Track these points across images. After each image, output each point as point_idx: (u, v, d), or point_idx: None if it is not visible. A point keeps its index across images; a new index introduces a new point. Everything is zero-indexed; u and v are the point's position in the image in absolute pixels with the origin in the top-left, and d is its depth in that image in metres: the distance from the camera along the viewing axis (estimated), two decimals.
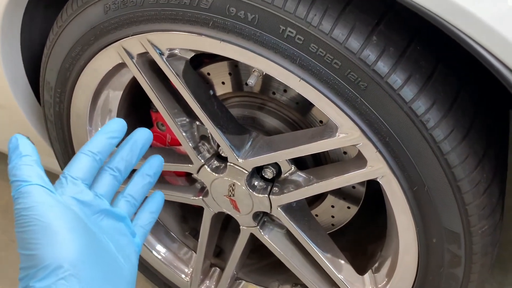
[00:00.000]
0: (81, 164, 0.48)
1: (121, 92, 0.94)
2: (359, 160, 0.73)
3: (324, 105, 0.68)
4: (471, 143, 0.64)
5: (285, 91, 0.91)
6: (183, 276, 1.13)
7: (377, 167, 0.69)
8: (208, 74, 0.96)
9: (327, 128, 0.73)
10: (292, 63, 0.66)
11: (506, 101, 0.76)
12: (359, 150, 0.71)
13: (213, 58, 0.94)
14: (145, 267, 1.16)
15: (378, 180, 0.71)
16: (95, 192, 0.49)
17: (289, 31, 0.63)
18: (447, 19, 0.51)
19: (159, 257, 1.13)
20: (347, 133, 0.69)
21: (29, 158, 0.46)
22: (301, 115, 0.93)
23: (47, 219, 0.42)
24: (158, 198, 0.57)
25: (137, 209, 0.55)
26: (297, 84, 0.67)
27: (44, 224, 0.42)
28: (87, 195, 0.48)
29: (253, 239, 1.00)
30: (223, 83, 0.96)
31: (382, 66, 0.61)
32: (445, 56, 0.65)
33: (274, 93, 0.93)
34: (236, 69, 0.93)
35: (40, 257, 0.41)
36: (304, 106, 0.91)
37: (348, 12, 0.61)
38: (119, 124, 0.51)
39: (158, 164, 0.55)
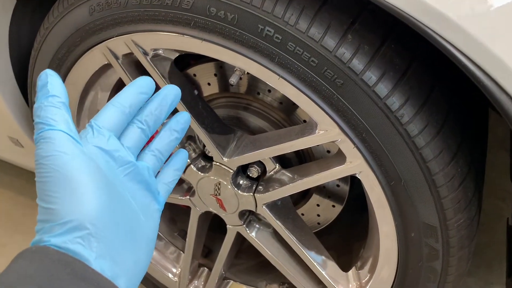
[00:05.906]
0: (110, 114, 0.45)
1: (109, 93, 0.95)
2: (339, 157, 0.75)
3: (303, 102, 0.69)
4: (445, 138, 0.66)
5: (269, 91, 0.93)
6: (171, 276, 1.14)
7: (355, 163, 0.71)
8: (195, 75, 0.97)
9: (308, 126, 0.75)
10: (271, 62, 0.67)
11: (484, 96, 0.78)
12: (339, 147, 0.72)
13: (199, 59, 0.96)
14: None
15: (357, 175, 0.73)
16: (121, 143, 0.46)
17: (268, 30, 0.65)
18: (416, 16, 0.53)
19: None
20: (326, 130, 0.71)
21: (57, 100, 0.42)
22: (285, 115, 0.94)
23: (68, 171, 0.39)
24: (182, 156, 0.54)
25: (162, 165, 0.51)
26: (277, 82, 0.69)
27: (63, 177, 0.39)
28: (113, 145, 0.44)
29: (240, 238, 1.01)
30: (209, 84, 0.97)
31: (357, 64, 0.63)
32: (420, 53, 0.67)
33: (259, 94, 0.94)
34: (222, 70, 0.95)
35: (57, 212, 0.38)
36: (288, 105, 0.92)
37: (324, 12, 0.63)
38: (148, 81, 0.48)
39: (185, 120, 0.52)
